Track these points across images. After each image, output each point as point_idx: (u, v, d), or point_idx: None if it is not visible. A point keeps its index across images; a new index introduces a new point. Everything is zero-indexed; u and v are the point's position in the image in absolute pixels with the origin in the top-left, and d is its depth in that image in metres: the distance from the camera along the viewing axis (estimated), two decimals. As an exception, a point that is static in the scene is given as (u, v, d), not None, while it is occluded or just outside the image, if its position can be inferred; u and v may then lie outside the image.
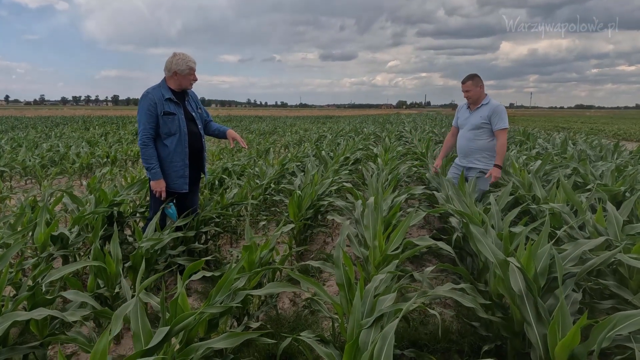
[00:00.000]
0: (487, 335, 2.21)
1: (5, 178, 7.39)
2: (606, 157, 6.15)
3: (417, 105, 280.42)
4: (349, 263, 2.08)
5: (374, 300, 1.74)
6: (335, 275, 2.15)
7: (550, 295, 1.91)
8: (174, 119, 3.11)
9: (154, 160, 3.09)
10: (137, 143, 3.24)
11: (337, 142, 9.94)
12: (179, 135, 3.14)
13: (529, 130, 14.18)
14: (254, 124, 26.63)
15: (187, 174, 3.23)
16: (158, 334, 1.27)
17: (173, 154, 3.15)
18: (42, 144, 10.22)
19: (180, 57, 3.11)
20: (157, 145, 3.14)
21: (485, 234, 2.15)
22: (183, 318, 1.33)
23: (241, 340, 1.45)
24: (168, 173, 3.17)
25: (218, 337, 1.47)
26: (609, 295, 2.28)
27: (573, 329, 1.41)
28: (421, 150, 7.08)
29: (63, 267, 2.03)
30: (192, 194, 3.44)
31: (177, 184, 3.21)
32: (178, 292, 1.69)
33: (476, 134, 3.95)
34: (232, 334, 1.48)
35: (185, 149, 3.19)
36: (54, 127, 20.95)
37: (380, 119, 34.21)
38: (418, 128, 16.13)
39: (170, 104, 3.12)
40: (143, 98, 3.10)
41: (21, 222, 3.23)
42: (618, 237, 2.31)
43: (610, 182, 4.01)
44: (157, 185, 3.13)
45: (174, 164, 3.17)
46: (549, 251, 1.85)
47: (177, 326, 1.31)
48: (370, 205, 2.81)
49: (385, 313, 1.57)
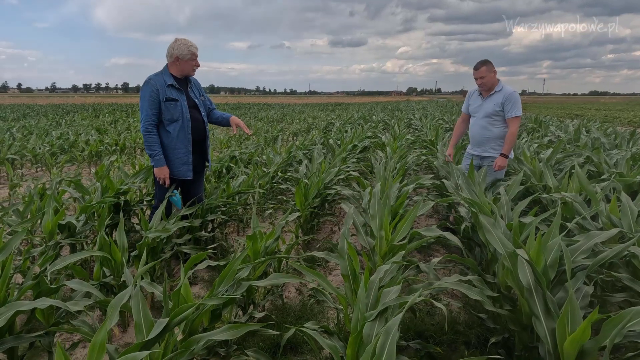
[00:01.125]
0: (495, 328, 2.17)
1: (16, 166, 7.47)
2: (621, 146, 6.00)
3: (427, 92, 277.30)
4: (354, 254, 2.05)
5: (379, 291, 1.71)
6: (340, 266, 2.12)
7: (560, 288, 1.86)
8: (176, 105, 3.08)
9: (157, 147, 3.06)
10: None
11: (345, 129, 9.85)
12: (181, 121, 3.11)
13: (541, 118, 13.91)
14: (262, 111, 26.58)
15: (190, 161, 3.20)
16: (157, 326, 1.26)
17: (176, 140, 3.12)
18: (52, 132, 10.29)
19: (182, 42, 3.07)
20: (160, 132, 3.12)
21: (495, 224, 2.10)
22: (182, 310, 1.31)
23: (242, 332, 1.44)
24: (171, 160, 3.15)
25: (220, 328, 1.46)
26: (622, 288, 2.23)
27: (583, 324, 1.36)
28: (431, 138, 6.98)
29: (68, 256, 2.03)
30: (197, 182, 3.41)
31: (181, 170, 3.19)
32: (180, 283, 1.68)
33: (490, 121, 3.83)
34: (233, 326, 1.46)
35: (189, 135, 3.16)
36: (64, 114, 21.12)
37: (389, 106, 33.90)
38: (428, 116, 15.92)
39: (172, 90, 3.08)
40: (145, 84, 3.07)
41: (29, 210, 3.26)
42: (632, 228, 2.24)
43: (625, 171, 3.90)
44: (161, 172, 3.11)
45: (177, 151, 3.14)
46: (560, 243, 1.80)
47: (176, 318, 1.29)
48: (377, 195, 2.77)
49: (389, 306, 1.54)
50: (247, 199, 4.45)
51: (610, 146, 6.05)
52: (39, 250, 2.65)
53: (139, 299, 1.53)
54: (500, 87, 3.80)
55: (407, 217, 2.50)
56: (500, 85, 3.81)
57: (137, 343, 1.22)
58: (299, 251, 3.79)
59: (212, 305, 1.73)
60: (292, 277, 1.93)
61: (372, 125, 11.17)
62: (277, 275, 1.91)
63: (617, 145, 6.10)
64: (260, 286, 2.23)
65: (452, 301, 2.83)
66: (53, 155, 7.78)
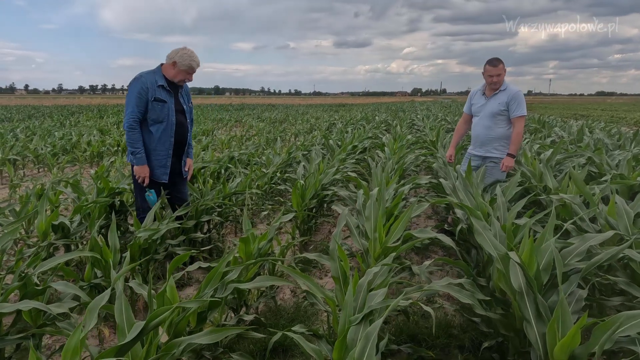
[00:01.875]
0: (489, 332, 2.14)
1: (18, 166, 7.51)
2: (624, 146, 5.92)
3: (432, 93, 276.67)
4: (344, 256, 2.02)
5: (367, 295, 1.68)
6: (331, 268, 2.09)
7: (554, 291, 1.82)
8: (163, 106, 3.05)
9: (140, 145, 3.02)
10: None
11: (346, 130, 9.82)
12: (166, 123, 3.08)
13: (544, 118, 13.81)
14: (266, 112, 26.60)
15: (168, 165, 3.16)
16: (134, 330, 1.23)
17: (157, 142, 3.08)
18: (55, 133, 10.35)
19: (187, 53, 3.04)
20: (142, 131, 3.07)
21: (487, 226, 2.06)
22: (158, 314, 1.29)
23: (223, 336, 1.41)
24: (149, 161, 3.10)
25: (201, 332, 1.44)
26: (620, 292, 2.18)
27: (572, 329, 1.33)
28: (431, 138, 6.94)
29: (55, 257, 2.01)
30: (180, 185, 3.37)
31: (157, 173, 3.14)
32: (165, 284, 1.65)
33: (494, 121, 3.78)
34: (214, 330, 1.44)
35: (171, 138, 3.12)
36: (69, 115, 21.24)
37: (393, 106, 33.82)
38: (431, 116, 15.85)
39: (162, 91, 3.05)
40: (135, 81, 3.02)
41: (26, 210, 3.25)
42: (629, 230, 2.20)
43: (627, 172, 3.84)
44: (142, 171, 3.06)
45: (157, 153, 3.10)
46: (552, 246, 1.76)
47: (152, 322, 1.27)
48: (372, 196, 2.74)
49: (376, 309, 1.51)
50: (244, 200, 4.44)
51: (613, 147, 5.98)
52: (32, 251, 2.64)
53: (122, 301, 1.51)
54: (505, 87, 3.74)
55: (401, 219, 2.47)
56: (505, 85, 3.75)
57: (112, 348, 1.19)
58: (295, 252, 3.76)
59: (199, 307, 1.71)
60: (279, 280, 1.90)
61: (374, 126, 11.14)
62: (263, 278, 1.88)
63: (620, 145, 6.03)
64: (249, 288, 2.20)
65: (447, 304, 2.79)
66: (55, 155, 7.81)
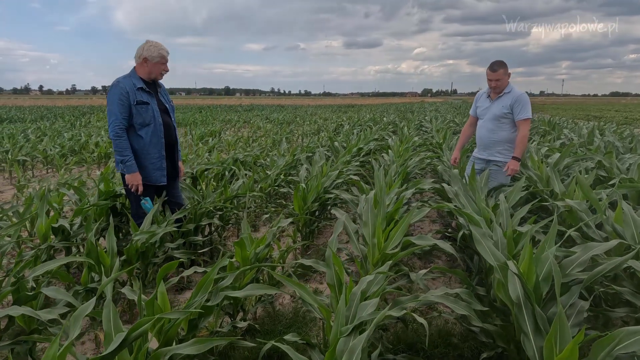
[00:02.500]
0: (488, 342, 2.08)
1: (27, 167, 7.59)
2: (636, 149, 5.79)
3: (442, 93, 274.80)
4: (339, 263, 1.98)
5: (359, 304, 1.64)
6: (327, 275, 2.06)
7: (554, 303, 1.76)
8: (147, 108, 2.99)
9: (129, 152, 2.95)
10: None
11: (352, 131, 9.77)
12: (153, 125, 3.03)
13: (554, 120, 13.59)
14: (275, 112, 26.63)
15: (164, 166, 3.13)
16: (115, 340, 1.21)
17: (149, 145, 3.04)
18: (64, 134, 10.46)
19: (153, 44, 2.99)
20: (130, 137, 3.00)
21: (486, 234, 2.01)
22: (141, 324, 1.26)
23: (210, 346, 1.38)
24: (144, 165, 3.05)
25: (187, 342, 1.41)
26: (626, 302, 2.11)
27: (570, 345, 1.27)
28: (438, 140, 6.86)
29: (49, 262, 2.01)
30: (173, 188, 3.35)
31: (155, 176, 3.10)
32: (155, 291, 1.63)
33: (498, 124, 3.73)
34: (198, 340, 1.41)
35: (161, 139, 3.08)
36: (80, 116, 21.48)
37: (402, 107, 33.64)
38: (439, 117, 15.70)
39: (142, 94, 2.99)
40: (113, 87, 2.95)
41: (29, 212, 3.27)
42: (636, 239, 2.12)
43: (636, 176, 3.73)
44: (134, 179, 2.99)
45: (150, 156, 3.06)
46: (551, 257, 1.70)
47: (135, 332, 1.25)
48: (370, 200, 2.70)
49: (367, 320, 1.47)
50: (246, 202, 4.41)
51: (625, 150, 5.84)
52: (31, 254, 2.64)
53: (110, 308, 1.49)
54: (509, 89, 3.69)
55: (401, 224, 2.42)
56: (510, 87, 3.70)
57: (94, 358, 1.17)
58: (296, 256, 3.73)
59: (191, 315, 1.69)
60: (271, 288, 1.87)
61: (381, 128, 11.06)
62: (255, 286, 1.85)
63: (632, 148, 5.89)
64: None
65: (448, 311, 2.73)
66: (63, 156, 7.88)
